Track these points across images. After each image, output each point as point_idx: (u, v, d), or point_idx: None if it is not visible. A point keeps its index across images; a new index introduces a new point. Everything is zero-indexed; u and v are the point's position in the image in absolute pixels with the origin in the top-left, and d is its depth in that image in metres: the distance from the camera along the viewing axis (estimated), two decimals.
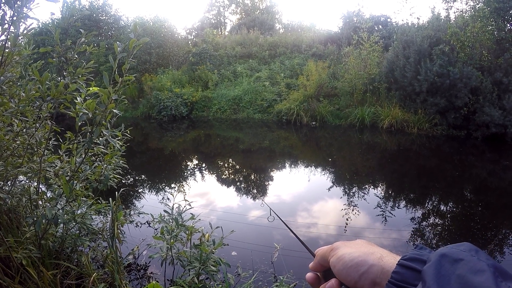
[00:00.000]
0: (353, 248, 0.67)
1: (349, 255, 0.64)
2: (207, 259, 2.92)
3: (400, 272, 0.56)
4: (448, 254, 0.50)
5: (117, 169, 3.60)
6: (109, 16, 25.14)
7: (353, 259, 0.63)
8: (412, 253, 0.58)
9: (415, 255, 0.57)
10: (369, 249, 0.65)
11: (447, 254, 0.50)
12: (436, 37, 12.38)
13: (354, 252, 0.65)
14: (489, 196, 6.87)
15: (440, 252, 0.51)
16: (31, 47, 2.97)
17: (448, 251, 0.50)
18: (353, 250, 0.66)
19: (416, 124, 12.72)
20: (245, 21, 30.18)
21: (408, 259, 0.57)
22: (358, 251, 0.65)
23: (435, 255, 0.51)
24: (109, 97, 2.07)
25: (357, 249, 0.66)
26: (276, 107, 16.48)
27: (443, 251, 0.51)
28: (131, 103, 19.79)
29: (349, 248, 0.67)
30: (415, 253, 0.58)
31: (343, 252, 0.66)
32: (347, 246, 0.68)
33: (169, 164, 10.28)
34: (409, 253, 0.58)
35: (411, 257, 0.57)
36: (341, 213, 5.84)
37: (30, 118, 2.91)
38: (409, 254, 0.58)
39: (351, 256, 0.64)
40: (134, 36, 2.03)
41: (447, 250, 0.51)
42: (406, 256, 0.58)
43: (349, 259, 0.64)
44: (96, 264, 3.76)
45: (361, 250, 0.65)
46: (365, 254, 0.63)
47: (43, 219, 2.26)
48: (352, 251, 0.65)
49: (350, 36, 17.54)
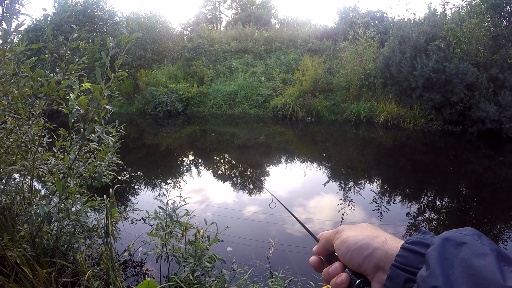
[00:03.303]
0: (358, 231, 0.67)
1: (354, 238, 0.65)
2: (202, 255, 2.92)
3: (404, 255, 0.56)
4: (451, 237, 0.51)
5: (112, 166, 3.58)
6: (103, 11, 24.94)
7: (357, 242, 0.64)
8: (415, 237, 0.58)
9: (419, 239, 0.57)
10: (373, 232, 0.65)
11: (450, 237, 0.51)
12: (432, 32, 12.38)
13: (359, 235, 0.65)
14: (484, 191, 6.90)
15: (444, 236, 0.52)
16: (24, 43, 2.95)
17: (451, 235, 0.51)
18: (357, 233, 0.66)
19: (411, 120, 12.73)
20: (240, 16, 30.02)
21: (411, 242, 0.57)
22: (362, 234, 0.65)
23: (438, 238, 0.52)
24: (102, 93, 2.05)
25: (361, 232, 0.66)
26: (272, 102, 16.45)
27: (446, 235, 0.52)
28: (126, 99, 19.69)
29: (354, 231, 0.67)
30: (419, 237, 0.58)
31: (348, 235, 0.67)
32: (351, 229, 0.69)
33: (164, 160, 10.25)
34: (412, 237, 0.59)
35: (415, 240, 0.57)
36: (337, 208, 5.85)
37: (23, 115, 2.89)
38: (413, 238, 0.59)
39: (356, 239, 0.64)
40: (127, 31, 2.01)
41: (450, 234, 0.52)
42: (409, 239, 0.58)
43: (353, 242, 0.64)
44: (91, 261, 3.75)
45: (366, 234, 0.65)
46: (369, 238, 0.64)
47: (36, 217, 2.25)
48: (357, 234, 0.66)
49: (346, 31, 17.48)
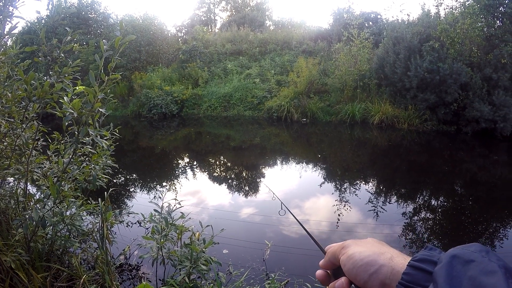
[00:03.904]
0: (364, 247, 0.66)
1: (360, 254, 0.64)
2: (198, 258, 2.90)
3: (411, 273, 0.56)
4: (459, 255, 0.50)
5: (107, 169, 3.56)
6: (98, 14, 24.89)
7: (363, 259, 0.63)
8: (422, 254, 0.58)
9: (426, 256, 0.57)
10: (379, 248, 0.65)
11: (458, 255, 0.50)
12: (426, 33, 12.45)
13: (365, 251, 0.65)
14: (479, 190, 6.93)
15: (451, 253, 0.51)
16: (18, 46, 2.93)
17: (459, 252, 0.50)
18: (363, 249, 0.65)
19: (406, 120, 12.79)
20: (235, 18, 30.04)
21: (418, 260, 0.57)
22: (368, 251, 0.64)
23: (446, 256, 0.51)
24: (95, 96, 2.04)
25: (367, 249, 0.65)
26: (267, 104, 16.46)
27: (454, 252, 0.51)
28: (121, 101, 19.62)
29: (360, 247, 0.67)
30: (426, 254, 0.57)
31: (354, 251, 0.66)
32: (358, 244, 0.68)
33: (159, 162, 10.23)
34: (419, 254, 0.58)
35: (422, 258, 0.57)
36: (333, 209, 5.85)
37: (16, 118, 2.87)
38: (419, 255, 0.58)
39: (362, 255, 0.64)
40: (121, 33, 2.00)
41: (458, 251, 0.51)
42: (416, 257, 0.58)
43: (359, 258, 0.64)
44: (87, 265, 3.72)
45: (372, 250, 0.65)
46: (376, 254, 0.63)
47: (31, 221, 2.23)
48: (363, 250, 0.65)
49: (340, 32, 17.53)
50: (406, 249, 4.49)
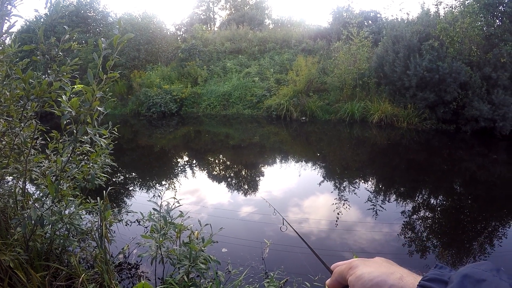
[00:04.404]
0: (372, 267, 0.65)
1: (369, 275, 0.63)
2: (197, 257, 2.90)
3: None
4: (470, 274, 0.50)
5: (105, 168, 3.55)
6: (97, 12, 24.88)
7: (373, 279, 0.62)
8: (432, 273, 0.57)
9: (436, 276, 0.56)
10: (388, 268, 0.64)
11: (469, 274, 0.50)
12: (426, 32, 12.45)
13: (374, 271, 0.63)
14: (478, 189, 6.94)
15: (462, 272, 0.51)
16: (16, 45, 2.92)
17: (470, 271, 0.50)
18: (372, 269, 0.64)
19: (405, 119, 12.79)
20: (234, 16, 29.99)
21: (429, 280, 0.55)
22: (377, 271, 0.63)
23: (457, 275, 0.51)
24: (94, 94, 2.03)
25: (376, 268, 0.64)
26: (266, 103, 16.46)
27: (465, 271, 0.51)
28: (120, 100, 19.61)
29: (368, 267, 0.65)
30: (436, 273, 0.56)
31: (362, 271, 0.65)
32: (366, 264, 0.67)
33: (158, 161, 10.22)
34: (429, 273, 0.57)
35: (432, 277, 0.56)
36: (332, 207, 5.85)
37: (15, 117, 2.86)
38: (430, 274, 0.57)
39: (371, 275, 0.63)
40: (119, 32, 2.00)
41: (469, 270, 0.50)
42: (426, 276, 0.56)
43: (368, 279, 0.62)
44: (86, 264, 3.72)
45: (381, 270, 0.63)
46: (385, 274, 0.62)
47: (29, 220, 2.23)
48: (371, 270, 0.64)
49: (339, 31, 17.51)
50: (405, 249, 4.49)
